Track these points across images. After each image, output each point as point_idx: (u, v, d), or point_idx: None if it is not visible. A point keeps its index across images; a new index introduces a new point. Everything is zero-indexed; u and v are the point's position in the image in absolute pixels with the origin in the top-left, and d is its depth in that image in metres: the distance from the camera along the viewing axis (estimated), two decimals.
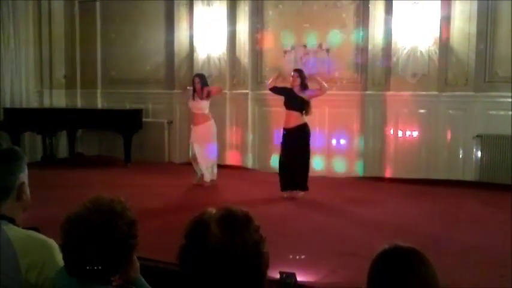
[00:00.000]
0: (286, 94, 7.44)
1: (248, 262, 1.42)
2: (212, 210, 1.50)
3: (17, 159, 2.09)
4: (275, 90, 7.61)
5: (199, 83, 8.16)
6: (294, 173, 7.28)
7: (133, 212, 1.85)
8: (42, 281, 1.92)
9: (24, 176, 2.10)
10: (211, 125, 8.21)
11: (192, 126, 8.32)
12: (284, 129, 7.40)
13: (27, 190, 2.12)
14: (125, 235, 1.77)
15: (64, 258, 1.80)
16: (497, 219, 6.36)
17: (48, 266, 1.92)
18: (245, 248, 1.42)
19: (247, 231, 1.45)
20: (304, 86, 7.36)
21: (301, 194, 7.30)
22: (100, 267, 1.74)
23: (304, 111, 7.32)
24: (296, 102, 7.31)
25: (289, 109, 7.38)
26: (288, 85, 7.51)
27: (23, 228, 2.06)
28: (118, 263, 1.79)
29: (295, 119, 7.29)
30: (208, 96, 8.15)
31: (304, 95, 7.33)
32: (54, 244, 1.98)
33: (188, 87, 8.34)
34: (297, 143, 7.27)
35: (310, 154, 7.47)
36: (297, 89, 7.35)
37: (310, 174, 7.54)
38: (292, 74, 7.53)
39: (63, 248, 1.80)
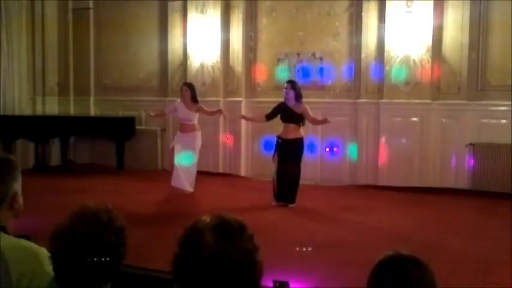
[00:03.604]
0: (281, 110, 7.41)
1: (242, 271, 1.41)
2: (206, 218, 1.49)
3: (11, 168, 2.08)
4: (271, 117, 7.56)
5: (187, 91, 8.11)
6: (285, 185, 7.26)
7: (121, 220, 1.83)
8: None
9: (17, 186, 2.09)
10: (197, 136, 8.10)
11: (178, 132, 8.25)
12: (280, 138, 7.35)
13: (20, 199, 2.10)
14: (112, 244, 1.75)
15: (53, 269, 1.78)
16: (489, 226, 6.39)
17: (39, 275, 1.90)
18: (239, 257, 1.41)
19: (241, 239, 1.45)
20: (297, 98, 7.32)
21: (291, 205, 7.28)
22: (89, 278, 1.72)
23: (301, 124, 7.30)
24: (291, 116, 7.29)
25: (285, 122, 7.35)
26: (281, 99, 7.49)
27: (14, 236, 2.04)
28: (107, 272, 1.78)
29: (293, 131, 7.26)
30: (197, 110, 8.13)
31: (299, 108, 7.28)
32: (45, 253, 1.96)
33: (179, 100, 8.25)
34: (291, 156, 7.25)
35: (301, 167, 7.42)
36: (291, 102, 7.31)
37: (303, 182, 7.54)
38: (285, 85, 7.48)
39: (52, 260, 1.78)
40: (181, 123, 8.17)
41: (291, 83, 7.46)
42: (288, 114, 7.30)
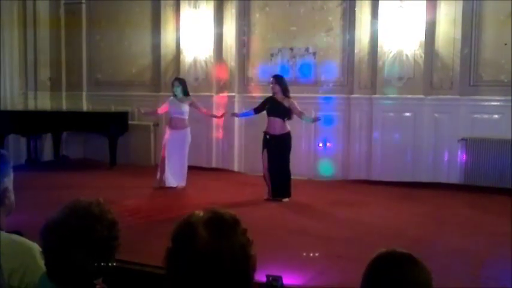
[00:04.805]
0: (268, 102, 7.43)
1: (235, 265, 1.41)
2: (199, 212, 1.49)
3: (1, 163, 2.06)
4: (259, 110, 7.62)
5: (179, 86, 8.10)
6: (277, 180, 7.27)
7: (113, 213, 1.83)
8: (25, 286, 1.89)
9: (8, 181, 2.07)
10: (188, 133, 8.08)
11: (167, 129, 8.15)
12: (267, 134, 7.37)
13: (11, 195, 2.08)
14: (105, 237, 1.75)
15: (45, 264, 1.77)
16: (481, 221, 6.42)
17: (31, 270, 1.90)
18: (232, 251, 1.41)
19: (235, 234, 1.45)
20: (285, 92, 7.32)
21: (285, 200, 7.29)
22: (81, 272, 1.72)
23: (286, 118, 7.30)
24: (278, 109, 7.29)
25: (271, 116, 7.35)
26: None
27: (6, 231, 2.03)
28: (100, 266, 1.77)
29: (280, 126, 7.27)
30: (190, 104, 8.12)
31: (287, 103, 7.28)
32: (37, 248, 1.95)
33: (171, 98, 8.23)
34: (280, 152, 7.27)
35: (291, 161, 7.41)
36: (278, 96, 7.34)
37: (297, 177, 7.55)
38: (270, 80, 7.52)
39: (44, 255, 1.77)
40: (173, 118, 8.09)
41: (276, 78, 7.47)
42: (276, 107, 7.31)
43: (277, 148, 7.26)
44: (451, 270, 4.48)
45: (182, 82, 8.23)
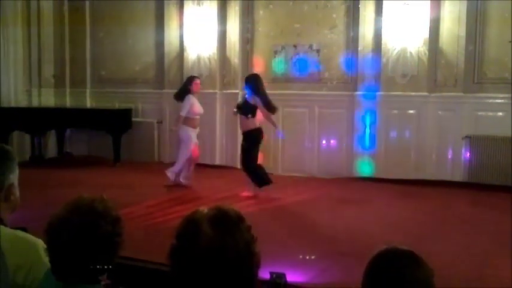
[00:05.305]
0: (241, 100, 7.66)
1: (239, 262, 1.41)
2: (204, 209, 1.50)
3: (8, 159, 2.07)
4: None
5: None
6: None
7: (116, 210, 1.84)
8: (30, 282, 1.90)
9: (13, 177, 2.08)
10: None
11: (192, 129, 8.04)
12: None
13: (16, 191, 2.09)
14: (109, 234, 1.76)
15: (50, 260, 1.78)
16: (485, 219, 6.40)
17: (36, 266, 1.91)
18: (237, 248, 1.41)
19: (239, 231, 1.45)
20: (255, 91, 7.35)
21: (253, 188, 7.39)
22: (86, 268, 1.72)
23: (249, 115, 7.33)
24: (243, 106, 7.44)
25: (238, 113, 7.56)
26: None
27: (11, 228, 2.04)
28: (105, 262, 1.78)
29: (244, 123, 7.44)
30: None
31: (254, 100, 7.33)
32: (42, 244, 1.96)
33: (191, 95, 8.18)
34: (244, 147, 7.46)
35: (256, 154, 7.47)
36: (248, 94, 7.46)
37: (300, 174, 7.53)
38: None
39: (49, 252, 1.78)
40: (196, 118, 8.06)
41: (245, 81, 7.60)
42: (242, 105, 7.48)
43: (244, 143, 7.46)
44: (453, 268, 4.48)
45: None
